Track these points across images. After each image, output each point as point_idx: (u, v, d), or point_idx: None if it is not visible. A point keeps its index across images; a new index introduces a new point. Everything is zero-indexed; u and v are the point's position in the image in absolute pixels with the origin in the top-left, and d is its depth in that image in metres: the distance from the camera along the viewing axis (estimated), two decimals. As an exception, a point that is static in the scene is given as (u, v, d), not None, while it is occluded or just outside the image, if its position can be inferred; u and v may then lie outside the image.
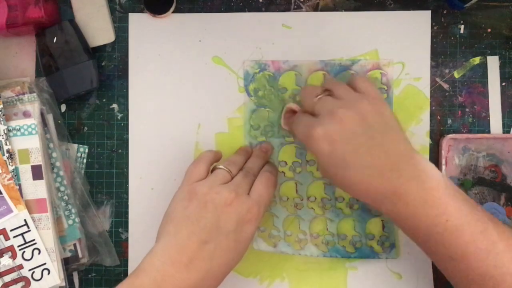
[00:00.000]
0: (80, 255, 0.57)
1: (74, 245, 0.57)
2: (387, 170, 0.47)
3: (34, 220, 0.54)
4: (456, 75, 0.59)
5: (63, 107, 0.60)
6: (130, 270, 0.59)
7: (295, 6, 0.60)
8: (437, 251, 0.48)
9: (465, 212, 0.47)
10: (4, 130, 0.55)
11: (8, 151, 0.55)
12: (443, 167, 0.58)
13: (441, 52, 0.59)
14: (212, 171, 0.53)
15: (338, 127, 0.48)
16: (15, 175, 0.55)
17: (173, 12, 0.59)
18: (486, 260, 0.46)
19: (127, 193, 0.59)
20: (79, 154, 0.59)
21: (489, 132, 0.59)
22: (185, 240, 0.48)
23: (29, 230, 0.54)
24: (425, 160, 0.49)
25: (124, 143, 0.60)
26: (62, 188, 0.57)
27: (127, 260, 0.59)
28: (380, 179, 0.47)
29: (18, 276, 0.54)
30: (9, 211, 0.54)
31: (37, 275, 0.54)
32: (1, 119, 0.55)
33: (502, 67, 0.59)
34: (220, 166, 0.53)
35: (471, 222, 0.47)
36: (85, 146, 0.60)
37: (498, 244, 0.46)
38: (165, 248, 0.48)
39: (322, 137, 0.48)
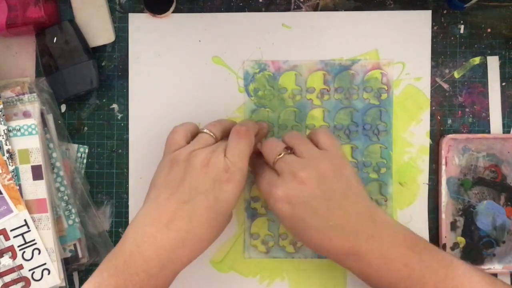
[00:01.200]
0: (80, 255, 0.57)
1: (74, 245, 0.57)
2: (347, 231, 0.48)
3: (34, 220, 0.55)
4: (456, 75, 0.59)
5: (63, 107, 0.60)
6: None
7: (295, 6, 0.59)
8: None
9: (427, 261, 0.47)
10: (4, 130, 0.55)
11: (8, 151, 0.55)
12: (443, 167, 0.58)
13: (441, 52, 0.59)
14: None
15: (298, 189, 0.48)
16: (15, 175, 0.55)
17: (173, 12, 0.59)
18: None
19: (127, 193, 0.60)
20: (79, 154, 0.59)
21: (489, 132, 0.59)
22: (165, 202, 0.48)
23: (29, 230, 0.54)
24: (386, 216, 0.50)
25: (124, 143, 0.60)
26: (62, 188, 0.57)
27: (127, 260, 0.59)
28: (341, 239, 0.48)
29: (18, 276, 0.54)
30: (9, 211, 0.54)
31: (37, 275, 0.54)
32: (1, 119, 0.55)
33: (502, 67, 0.59)
34: (204, 130, 0.53)
35: (433, 271, 0.47)
36: (85, 146, 0.60)
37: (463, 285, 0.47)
38: (146, 211, 0.49)
39: (282, 198, 0.49)
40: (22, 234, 0.54)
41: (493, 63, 0.59)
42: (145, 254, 0.47)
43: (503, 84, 0.59)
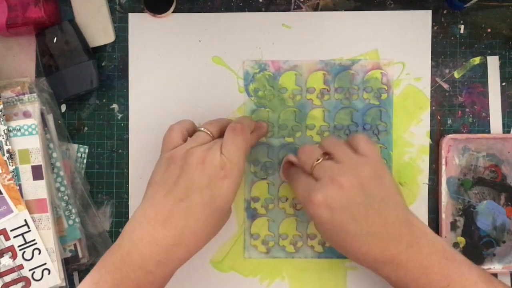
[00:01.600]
0: (80, 255, 0.57)
1: (74, 245, 0.57)
2: (386, 238, 0.48)
3: (34, 220, 0.55)
4: (456, 75, 0.59)
5: (63, 107, 0.60)
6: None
7: (295, 6, 0.59)
8: None
9: (465, 274, 0.48)
10: (4, 130, 0.55)
11: (8, 151, 0.55)
12: (443, 167, 0.58)
13: (441, 52, 0.59)
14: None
15: (338, 194, 0.48)
16: (15, 175, 0.55)
17: (173, 12, 0.59)
18: None
19: (127, 193, 0.60)
20: (79, 154, 0.59)
21: (489, 132, 0.59)
22: (162, 200, 0.49)
23: (29, 230, 0.54)
24: (423, 225, 0.50)
25: (124, 143, 0.60)
26: (62, 188, 0.57)
27: (127, 260, 0.59)
28: (379, 247, 0.48)
29: (19, 276, 0.54)
30: (9, 211, 0.54)
31: (37, 275, 0.54)
32: (1, 119, 0.55)
33: (502, 67, 0.59)
34: (201, 129, 0.53)
35: (471, 284, 0.47)
36: (85, 146, 0.60)
37: None
38: (143, 209, 0.49)
39: (321, 203, 0.48)
40: (22, 234, 0.54)
41: (493, 63, 0.59)
42: (142, 252, 0.47)
43: (503, 84, 0.59)
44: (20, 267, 0.54)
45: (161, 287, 0.50)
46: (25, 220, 0.54)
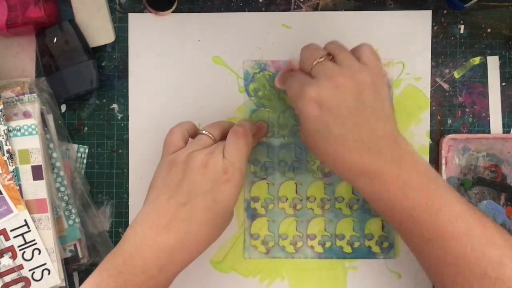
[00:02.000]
0: (80, 255, 0.57)
1: (74, 245, 0.57)
2: (369, 148, 0.47)
3: (34, 220, 0.55)
4: (456, 75, 0.59)
5: (63, 107, 0.60)
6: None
7: (295, 6, 0.59)
8: (413, 232, 0.48)
9: (444, 195, 0.47)
10: (4, 130, 0.55)
11: (8, 151, 0.55)
12: (443, 167, 0.58)
13: (441, 52, 0.59)
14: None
15: (332, 92, 0.47)
16: (15, 175, 0.55)
17: (173, 12, 0.59)
18: (463, 242, 0.46)
19: (127, 193, 0.60)
20: (79, 154, 0.59)
21: (489, 132, 0.59)
22: (164, 204, 0.48)
23: (29, 230, 0.54)
24: (408, 145, 0.49)
25: (124, 143, 0.60)
26: (62, 188, 0.57)
27: (127, 260, 0.59)
28: (361, 155, 0.47)
29: (18, 276, 0.54)
30: (9, 211, 0.54)
31: (37, 275, 0.54)
32: (1, 119, 0.55)
33: (502, 67, 0.59)
34: (203, 132, 0.52)
35: (450, 205, 0.47)
36: (85, 146, 0.60)
37: (475, 228, 0.46)
38: (145, 214, 0.49)
39: (313, 98, 0.47)
40: (22, 234, 0.54)
41: (493, 63, 0.59)
42: (145, 256, 0.47)
43: (503, 84, 0.59)
44: (20, 267, 0.54)
45: None
46: (25, 220, 0.54)
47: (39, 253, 0.54)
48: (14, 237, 0.54)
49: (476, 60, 0.59)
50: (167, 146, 0.52)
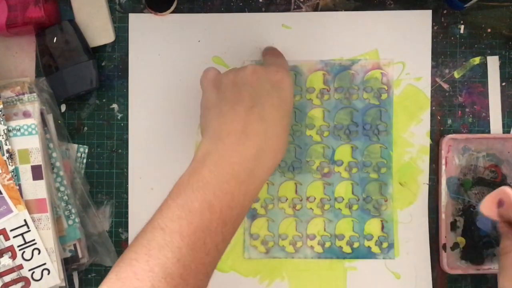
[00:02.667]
0: (80, 255, 0.57)
1: (74, 245, 0.57)
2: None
3: (34, 220, 0.55)
4: (456, 75, 0.59)
5: (63, 107, 0.60)
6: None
7: (295, 6, 0.59)
8: None
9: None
10: (4, 130, 0.55)
11: (8, 151, 0.55)
12: (443, 167, 0.58)
13: (441, 52, 0.59)
14: None
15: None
16: (15, 175, 0.55)
17: (173, 12, 0.59)
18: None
19: (127, 193, 0.60)
20: (79, 154, 0.59)
21: (489, 132, 0.59)
22: (231, 112, 0.47)
23: (29, 230, 0.54)
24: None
25: (124, 143, 0.60)
26: (62, 188, 0.57)
27: (127, 260, 0.59)
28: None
29: (18, 276, 0.54)
30: (9, 211, 0.54)
31: (37, 275, 0.54)
32: (1, 119, 0.55)
33: (502, 67, 0.59)
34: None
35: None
36: (85, 146, 0.60)
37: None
38: (214, 127, 0.47)
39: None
40: (22, 234, 0.54)
41: (493, 63, 0.59)
42: (232, 161, 0.45)
43: (503, 84, 0.59)
44: (20, 267, 0.54)
45: (252, 200, 0.47)
46: (25, 220, 0.54)
47: (39, 253, 0.54)
48: (14, 237, 0.54)
49: (476, 60, 0.59)
50: (206, 79, 0.51)
